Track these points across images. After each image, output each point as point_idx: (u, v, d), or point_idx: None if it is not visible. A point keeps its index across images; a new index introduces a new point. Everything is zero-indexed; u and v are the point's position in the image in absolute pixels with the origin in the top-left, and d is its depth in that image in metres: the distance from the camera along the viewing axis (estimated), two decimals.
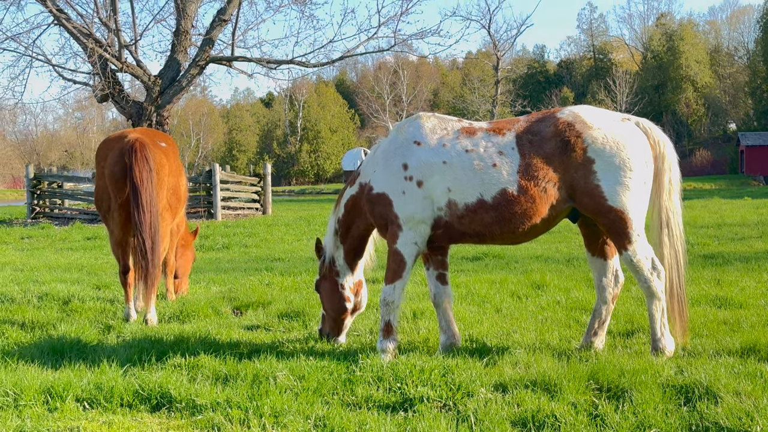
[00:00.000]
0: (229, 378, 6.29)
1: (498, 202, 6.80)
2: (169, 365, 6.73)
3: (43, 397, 5.76)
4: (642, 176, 6.73)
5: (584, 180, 6.69)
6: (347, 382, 6.07)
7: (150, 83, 26.40)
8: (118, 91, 26.31)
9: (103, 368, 6.48)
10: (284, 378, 6.14)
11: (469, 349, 7.11)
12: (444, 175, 6.94)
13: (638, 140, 6.81)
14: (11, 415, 5.49)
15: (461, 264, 13.44)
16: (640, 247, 6.73)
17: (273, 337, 7.93)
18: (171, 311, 9.32)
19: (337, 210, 7.66)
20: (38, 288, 11.32)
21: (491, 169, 6.82)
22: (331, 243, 7.69)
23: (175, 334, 7.93)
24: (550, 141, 6.79)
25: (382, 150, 7.33)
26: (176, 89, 26.49)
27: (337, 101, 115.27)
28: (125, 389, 5.88)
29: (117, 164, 8.91)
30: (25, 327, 8.65)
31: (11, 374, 6.32)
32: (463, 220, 6.96)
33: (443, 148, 7.02)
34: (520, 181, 6.75)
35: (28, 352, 7.26)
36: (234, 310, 9.51)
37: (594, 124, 6.77)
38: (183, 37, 26.42)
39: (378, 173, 7.24)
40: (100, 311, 9.55)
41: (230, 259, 15.78)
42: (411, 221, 7.03)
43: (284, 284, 11.25)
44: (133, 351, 7.23)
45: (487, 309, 9.05)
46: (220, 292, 10.74)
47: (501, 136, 6.95)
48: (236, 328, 8.39)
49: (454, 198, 6.92)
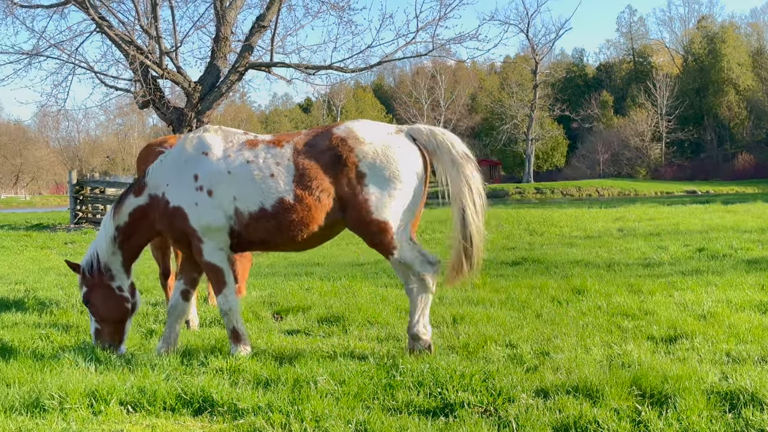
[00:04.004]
0: (270, 382, 6.32)
1: (277, 211, 7.12)
2: (210, 369, 6.77)
3: (88, 401, 5.81)
4: (412, 186, 7.08)
5: (354, 193, 7.02)
6: (388, 387, 6.07)
7: (190, 89, 26.59)
8: (158, 98, 26.53)
9: (146, 372, 6.54)
10: (325, 382, 6.15)
11: (509, 355, 7.08)
12: (230, 184, 7.21)
13: (408, 152, 7.13)
14: (57, 418, 5.55)
15: (501, 269, 13.39)
16: (406, 249, 7.07)
17: (313, 341, 7.95)
18: (212, 315, 9.39)
19: (117, 217, 7.65)
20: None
21: (269, 179, 7.12)
22: (107, 249, 7.68)
23: (216, 338, 7.99)
24: (325, 154, 7.10)
25: (172, 162, 7.49)
26: (216, 95, 26.65)
27: (374, 106, 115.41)
28: (168, 393, 5.93)
29: None
30: (70, 331, 8.76)
31: (56, 377, 6.40)
32: (248, 228, 7.26)
33: (228, 158, 7.29)
34: (296, 191, 7.07)
35: (73, 355, 7.35)
36: (274, 315, 9.55)
37: (366, 138, 7.08)
38: (222, 43, 26.57)
39: (171, 187, 7.40)
40: (143, 315, 9.65)
41: (270, 264, 15.85)
42: (209, 231, 7.28)
43: (324, 289, 11.27)
44: (173, 355, 7.29)
45: (527, 314, 9.00)
46: (260, 297, 10.79)
47: (280, 148, 7.25)
48: (276, 332, 8.43)
49: (240, 207, 7.21)
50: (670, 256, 14.45)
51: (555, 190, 73.76)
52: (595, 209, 30.92)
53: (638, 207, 32.96)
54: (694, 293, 9.97)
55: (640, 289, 10.40)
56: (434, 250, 16.93)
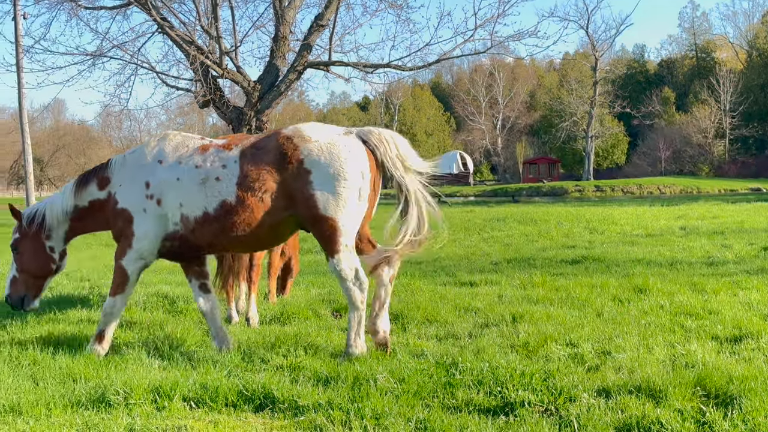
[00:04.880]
0: (330, 380, 6.35)
1: (219, 214, 7.21)
2: (271, 366, 6.84)
3: (152, 396, 5.92)
4: (357, 185, 7.10)
5: (301, 190, 7.07)
6: (447, 386, 6.07)
7: (250, 89, 26.77)
8: (218, 97, 26.73)
9: (208, 369, 6.62)
10: (384, 380, 6.17)
11: (570, 354, 7.02)
12: (177, 191, 7.36)
13: (354, 152, 7.16)
14: (122, 413, 5.66)
15: (560, 267, 13.27)
16: (345, 258, 7.10)
17: (372, 339, 7.96)
18: (272, 313, 9.46)
19: (78, 197, 7.85)
20: (145, 290, 11.63)
21: (214, 183, 7.23)
22: (56, 216, 7.90)
23: (276, 335, 8.05)
24: (270, 153, 7.18)
25: (131, 165, 7.67)
26: (275, 94, 26.79)
27: (432, 104, 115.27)
28: (230, 389, 6.00)
29: None
30: (134, 327, 8.90)
31: (121, 373, 6.52)
32: (195, 232, 7.38)
33: (179, 165, 7.42)
34: (238, 192, 7.14)
35: (137, 352, 7.47)
36: (333, 313, 9.59)
37: (312, 137, 7.16)
38: (281, 42, 26.69)
39: (124, 188, 7.61)
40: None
41: None
42: (144, 239, 7.47)
43: None
44: (235, 352, 7.37)
45: (587, 313, 8.92)
46: (319, 295, 10.84)
47: (228, 151, 7.34)
48: (335, 330, 8.47)
49: (185, 212, 7.35)
50: (734, 254, 14.19)
51: (615, 187, 72.80)
52: (656, 207, 30.53)
53: (701, 205, 32.45)
54: (759, 292, 9.79)
55: (704, 288, 10.24)
56: (492, 248, 16.87)
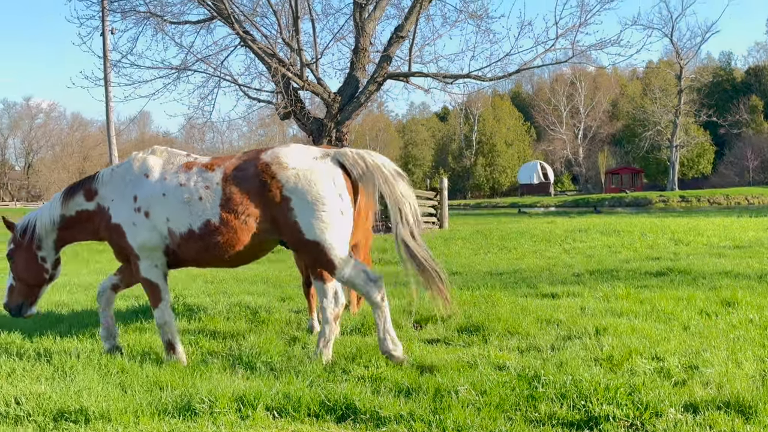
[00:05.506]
0: (411, 391, 6.34)
1: (203, 232, 7.46)
2: (352, 377, 6.87)
3: (236, 405, 5.99)
4: (337, 207, 7.33)
5: (284, 217, 7.31)
6: (530, 398, 6.00)
7: (330, 100, 27.06)
8: (299, 109, 27.09)
9: (290, 379, 6.68)
10: (466, 392, 6.13)
11: (656, 368, 6.88)
12: (163, 206, 7.59)
13: (330, 175, 7.37)
14: (207, 422, 5.74)
15: (645, 279, 13.04)
16: (346, 266, 7.34)
17: (453, 351, 7.95)
18: (353, 323, 9.50)
19: (65, 207, 8.08)
20: (228, 299, 11.80)
21: (198, 202, 7.47)
22: (46, 226, 8.12)
23: (357, 346, 8.08)
24: (251, 180, 7.40)
25: (120, 179, 7.90)
26: (355, 105, 27.03)
27: (512, 114, 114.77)
28: (312, 399, 6.03)
29: None
30: (217, 337, 9.03)
31: (206, 382, 6.62)
32: (181, 247, 7.63)
33: (164, 181, 7.67)
34: (222, 214, 7.39)
35: (221, 361, 7.58)
36: (414, 324, 9.58)
37: (289, 164, 7.35)
38: (361, 54, 26.93)
39: (116, 203, 7.83)
40: (286, 322, 9.86)
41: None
42: (144, 249, 7.69)
43: (463, 298, 11.22)
44: (316, 362, 7.41)
45: (673, 326, 8.73)
46: (399, 306, 10.83)
47: (211, 172, 7.58)
48: (416, 341, 8.46)
49: (172, 227, 7.58)
50: None
51: (701, 198, 71.32)
52: (744, 218, 29.79)
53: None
54: None
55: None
56: (574, 260, 16.67)
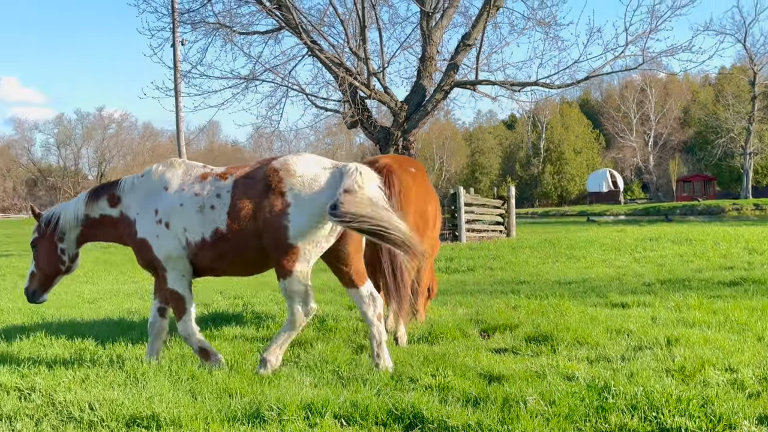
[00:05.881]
0: (479, 400, 6.31)
1: (213, 240, 7.66)
2: (420, 386, 6.85)
3: (304, 413, 6.02)
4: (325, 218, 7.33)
5: (278, 219, 7.38)
6: (600, 409, 5.93)
7: (396, 109, 27.14)
8: (366, 118, 27.23)
9: (358, 387, 6.70)
10: (534, 402, 6.08)
11: (729, 380, 6.74)
12: (181, 216, 7.81)
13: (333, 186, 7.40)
14: (276, 429, 5.78)
15: (718, 289, 12.78)
16: (297, 279, 7.48)
17: (521, 360, 7.88)
18: (420, 332, 9.49)
19: (91, 208, 8.34)
20: None
21: (209, 211, 7.68)
22: (70, 221, 8.38)
23: (424, 355, 8.07)
24: (258, 184, 7.55)
25: (142, 192, 8.11)
26: (422, 114, 27.06)
27: (581, 121, 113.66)
28: (379, 408, 6.04)
29: None
30: None
31: (274, 389, 6.68)
32: (197, 256, 7.83)
33: (182, 192, 7.89)
34: (228, 221, 7.57)
35: (289, 369, 7.63)
36: (481, 333, 9.54)
37: (297, 171, 7.49)
38: (428, 62, 26.97)
39: (140, 217, 8.05)
40: (353, 331, 9.89)
41: (476, 282, 15.86)
42: (171, 260, 7.88)
43: (531, 307, 11.15)
44: (383, 371, 7.42)
45: (747, 337, 8.54)
46: (466, 315, 10.81)
47: (223, 181, 7.77)
48: (483, 350, 8.41)
49: (189, 237, 7.79)
50: None
51: None
52: None
53: None
54: None
55: None
56: (644, 269, 16.42)
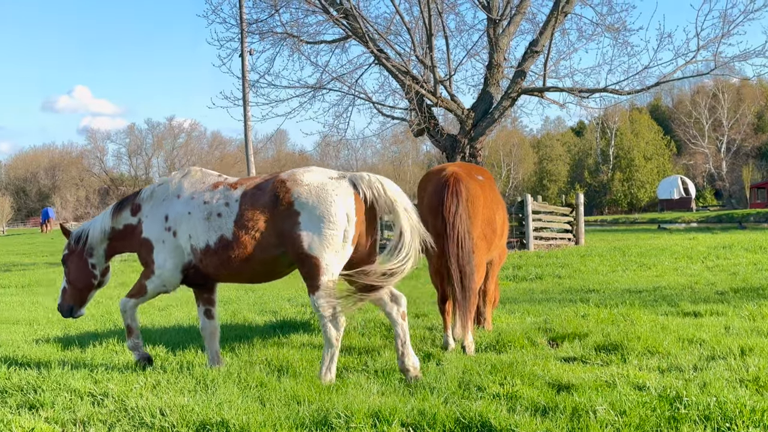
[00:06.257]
0: (547, 410, 6.25)
1: (218, 247, 7.86)
2: (487, 394, 6.82)
3: (372, 421, 6.02)
4: (342, 228, 7.49)
5: (290, 229, 7.52)
6: (671, 420, 5.83)
7: (463, 116, 27.08)
8: (433, 125, 27.21)
9: (425, 395, 6.69)
10: (605, 412, 6.01)
11: None
12: (188, 224, 8.07)
13: (341, 196, 7.55)
14: None
15: None
16: (325, 294, 7.47)
17: (590, 369, 7.79)
18: (487, 341, 9.45)
19: (115, 219, 8.68)
20: (362, 315, 11.92)
21: (216, 219, 7.89)
22: (97, 236, 8.74)
23: (492, 364, 8.02)
24: (266, 195, 7.72)
25: (158, 198, 8.44)
26: (489, 121, 26.96)
27: (651, 127, 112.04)
28: (447, 416, 6.02)
29: (434, 196, 9.24)
30: (352, 352, 9.13)
31: (342, 397, 6.70)
32: (202, 262, 8.06)
33: (191, 200, 8.14)
34: (234, 229, 7.76)
35: (356, 376, 7.66)
36: (549, 342, 9.46)
37: (304, 181, 7.63)
38: (495, 70, 26.87)
39: (148, 219, 8.40)
40: (420, 339, 9.88)
41: (544, 290, 15.74)
42: (163, 267, 8.23)
43: (600, 316, 11.01)
44: (451, 379, 7.40)
45: None
46: (534, 323, 10.73)
47: (233, 191, 7.98)
48: (552, 359, 8.34)
49: (194, 244, 8.05)
50: None
51: None
52: None
53: None
54: None
55: None
56: (717, 277, 16.11)
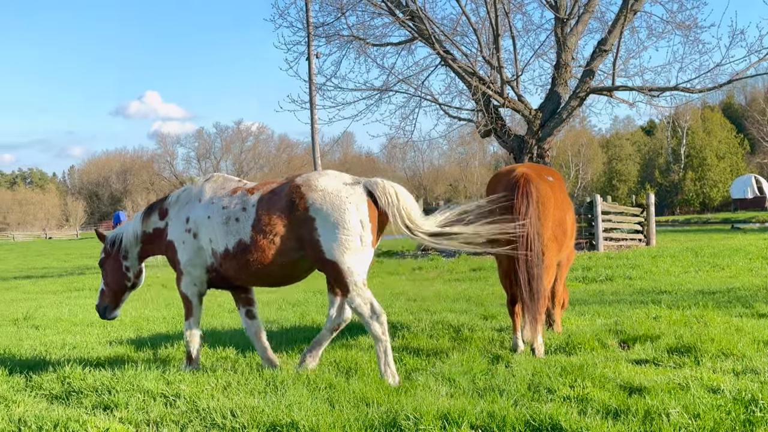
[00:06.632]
0: (619, 412, 6.18)
1: (237, 251, 8.08)
2: (557, 397, 6.76)
3: (441, 423, 6.00)
4: (357, 232, 7.63)
5: (308, 235, 7.71)
6: (747, 423, 5.72)
7: (531, 117, 26.93)
8: (500, 126, 27.13)
9: (494, 397, 6.66)
10: (678, 415, 5.91)
11: None
12: (208, 228, 8.31)
13: (355, 202, 7.69)
14: None
15: None
16: (357, 295, 7.64)
17: (663, 372, 7.68)
18: (557, 343, 9.37)
19: (145, 224, 9.02)
20: (430, 317, 11.92)
21: (235, 223, 8.11)
22: (131, 240, 9.08)
23: (562, 365, 7.95)
24: (282, 200, 7.88)
25: (182, 201, 8.72)
26: (557, 122, 26.76)
27: (723, 126, 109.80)
28: (517, 419, 5.98)
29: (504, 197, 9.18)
30: (420, 354, 9.13)
31: (411, 399, 6.71)
32: (222, 266, 8.28)
33: (212, 204, 8.37)
34: (252, 234, 7.95)
35: (425, 378, 7.66)
36: (620, 344, 9.34)
37: (318, 186, 7.76)
38: (563, 69, 26.67)
39: (173, 221, 8.70)
40: (489, 341, 9.84)
41: (614, 291, 15.54)
42: (189, 266, 8.49)
43: (672, 318, 10.83)
44: (520, 381, 7.36)
45: None
46: (605, 325, 10.60)
47: (250, 196, 8.18)
48: (623, 361, 8.24)
49: (214, 247, 8.28)
50: None
51: None
52: None
53: None
54: None
55: None
56: (753, 283, 15.71)
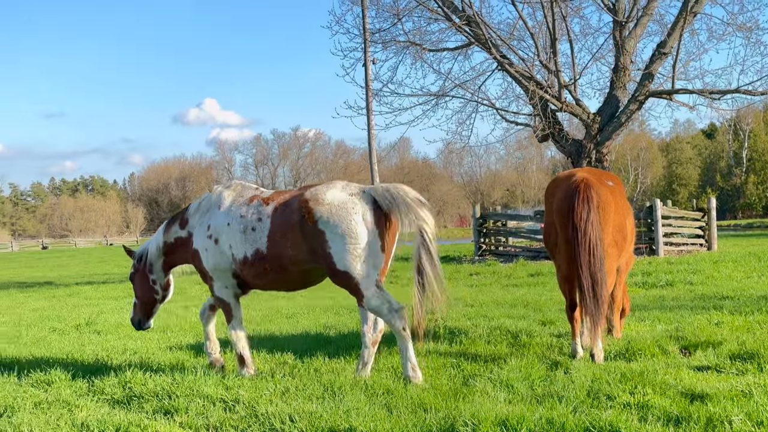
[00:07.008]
0: (680, 420, 6.11)
1: (254, 260, 8.43)
2: (617, 403, 6.70)
3: (499, 429, 6.00)
4: (366, 240, 7.88)
5: (321, 248, 7.98)
6: None
7: (589, 121, 26.71)
8: (557, 131, 26.96)
9: (553, 403, 6.63)
10: (741, 423, 5.83)
11: None
12: (227, 234, 8.66)
13: (360, 210, 7.96)
14: None
15: None
16: (372, 296, 7.89)
17: (725, 378, 7.57)
18: (617, 349, 9.29)
19: (167, 235, 9.46)
20: (488, 323, 11.89)
21: (251, 233, 8.46)
22: (154, 253, 9.55)
23: (621, 372, 7.88)
24: (294, 214, 8.18)
25: (203, 210, 9.09)
26: (615, 126, 26.51)
27: None
28: (576, 425, 5.95)
29: (563, 202, 9.12)
30: (478, 360, 9.11)
31: (469, 405, 6.70)
32: (242, 271, 8.61)
33: (230, 212, 8.73)
34: (268, 244, 8.31)
35: (482, 384, 7.65)
36: (681, 350, 9.23)
37: (325, 200, 8.03)
38: (622, 73, 26.42)
39: (197, 230, 9.05)
40: (547, 346, 9.79)
41: (674, 297, 15.33)
42: (216, 271, 8.82)
43: (735, 324, 10.67)
44: (580, 387, 7.31)
45: None
46: (666, 331, 10.47)
47: (266, 206, 8.50)
48: (684, 368, 8.13)
49: (234, 253, 8.61)
50: None
51: None
52: None
53: None
54: None
55: None
56: None
